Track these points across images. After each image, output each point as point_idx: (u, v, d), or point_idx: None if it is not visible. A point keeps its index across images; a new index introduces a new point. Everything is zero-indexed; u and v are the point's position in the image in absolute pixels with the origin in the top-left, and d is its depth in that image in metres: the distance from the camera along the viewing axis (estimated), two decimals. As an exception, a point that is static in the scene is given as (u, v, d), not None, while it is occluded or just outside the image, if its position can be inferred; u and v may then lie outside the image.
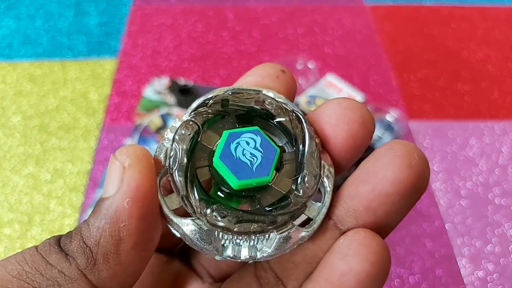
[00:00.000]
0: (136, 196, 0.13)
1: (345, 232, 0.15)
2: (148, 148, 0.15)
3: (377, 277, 0.13)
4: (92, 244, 0.13)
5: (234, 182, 0.14)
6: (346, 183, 0.16)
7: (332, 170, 0.16)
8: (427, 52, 0.82)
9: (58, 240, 0.14)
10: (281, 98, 0.16)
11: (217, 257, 0.14)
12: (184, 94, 0.69)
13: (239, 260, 0.14)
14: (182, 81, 0.72)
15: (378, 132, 0.65)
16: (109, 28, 0.85)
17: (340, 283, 0.13)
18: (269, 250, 0.14)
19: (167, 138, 0.15)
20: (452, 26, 0.88)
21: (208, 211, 0.14)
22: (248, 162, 0.15)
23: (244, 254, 0.14)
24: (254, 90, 0.16)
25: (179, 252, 0.20)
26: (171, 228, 0.15)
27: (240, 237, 0.14)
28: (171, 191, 0.15)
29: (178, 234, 0.15)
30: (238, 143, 0.15)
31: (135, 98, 0.71)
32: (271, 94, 0.16)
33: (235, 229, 0.14)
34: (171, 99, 0.69)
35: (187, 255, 0.20)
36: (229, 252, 0.14)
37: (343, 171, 0.16)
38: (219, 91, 0.16)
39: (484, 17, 0.91)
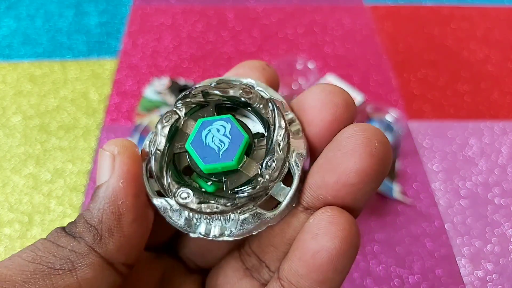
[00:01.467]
0: (128, 177, 0.15)
1: None
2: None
3: (348, 252, 0.14)
4: (96, 223, 0.15)
5: (202, 167, 0.16)
6: (311, 171, 0.16)
7: (304, 154, 0.16)
8: (427, 52, 0.82)
9: (63, 228, 0.15)
10: (261, 86, 0.17)
11: (191, 234, 0.16)
12: (184, 94, 0.69)
13: (209, 238, 0.15)
14: (182, 81, 0.72)
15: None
16: (109, 28, 0.85)
17: (314, 261, 0.14)
18: (234, 230, 0.15)
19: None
20: (452, 26, 0.89)
21: (176, 192, 0.16)
22: (216, 148, 0.16)
23: (214, 232, 0.16)
24: (236, 80, 0.17)
25: (167, 248, 0.21)
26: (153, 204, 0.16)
27: (208, 217, 0.15)
28: None
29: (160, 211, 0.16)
30: (210, 130, 0.16)
31: (135, 98, 0.71)
32: (253, 82, 0.17)
33: (198, 209, 0.15)
34: (171, 99, 0.69)
35: (175, 249, 0.21)
36: (201, 229, 0.16)
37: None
38: (204, 82, 0.17)
39: (484, 17, 0.91)
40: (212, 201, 0.15)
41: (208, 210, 0.15)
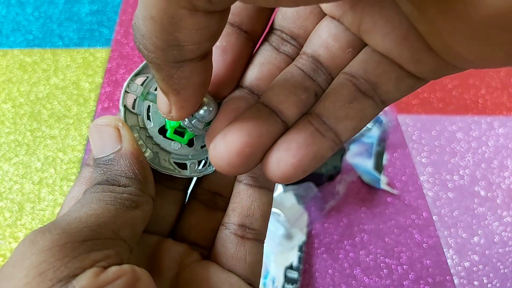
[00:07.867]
0: (135, 142, 0.19)
1: None
2: None
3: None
4: (133, 176, 0.19)
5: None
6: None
7: None
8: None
9: (106, 186, 0.19)
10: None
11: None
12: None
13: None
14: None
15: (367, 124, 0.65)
16: (101, 17, 0.84)
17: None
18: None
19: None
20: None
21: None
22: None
23: (186, 173, 0.22)
24: None
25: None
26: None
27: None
28: None
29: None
30: None
31: (127, 88, 0.71)
32: None
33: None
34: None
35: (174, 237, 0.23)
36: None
37: None
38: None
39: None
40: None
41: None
